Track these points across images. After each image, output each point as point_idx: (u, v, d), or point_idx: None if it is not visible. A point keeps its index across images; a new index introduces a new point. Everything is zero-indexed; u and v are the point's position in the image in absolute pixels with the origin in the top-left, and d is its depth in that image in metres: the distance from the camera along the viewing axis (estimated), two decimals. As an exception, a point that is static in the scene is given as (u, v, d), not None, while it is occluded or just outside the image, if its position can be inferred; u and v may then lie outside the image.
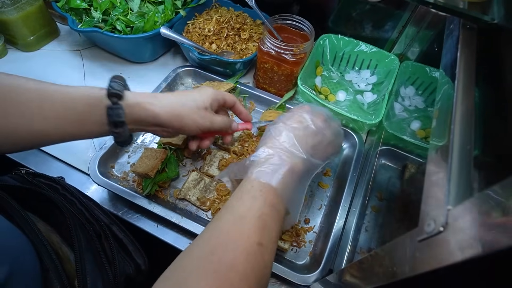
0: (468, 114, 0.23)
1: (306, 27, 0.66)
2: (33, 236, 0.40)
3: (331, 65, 0.78)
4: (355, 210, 0.57)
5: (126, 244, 0.49)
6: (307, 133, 0.44)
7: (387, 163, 0.66)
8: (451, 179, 0.20)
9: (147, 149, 0.57)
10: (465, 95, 0.24)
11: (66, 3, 0.68)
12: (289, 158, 0.41)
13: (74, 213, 0.46)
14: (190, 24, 0.75)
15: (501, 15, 0.31)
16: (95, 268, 0.43)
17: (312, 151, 0.43)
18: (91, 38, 0.78)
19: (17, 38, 0.74)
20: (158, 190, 0.56)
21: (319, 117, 0.46)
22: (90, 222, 0.47)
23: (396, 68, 0.69)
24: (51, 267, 0.39)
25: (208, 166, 0.60)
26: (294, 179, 0.41)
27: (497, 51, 0.29)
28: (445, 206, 0.19)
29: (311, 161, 0.43)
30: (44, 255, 0.39)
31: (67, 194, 0.49)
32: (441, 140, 0.24)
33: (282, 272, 0.49)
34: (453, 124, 0.22)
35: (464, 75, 0.26)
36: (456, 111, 0.23)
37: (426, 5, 0.34)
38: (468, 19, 0.32)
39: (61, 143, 0.42)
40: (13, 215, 0.41)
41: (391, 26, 0.73)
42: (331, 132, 0.47)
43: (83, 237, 0.44)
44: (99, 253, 0.44)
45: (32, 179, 0.49)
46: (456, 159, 0.21)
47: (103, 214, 0.49)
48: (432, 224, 0.19)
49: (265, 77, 0.70)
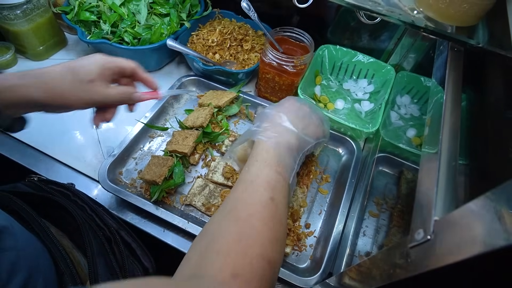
0: (455, 131, 0.26)
1: (306, 39, 0.69)
2: (49, 242, 0.42)
3: (330, 75, 0.81)
4: (354, 215, 0.59)
5: (134, 249, 0.51)
6: (297, 115, 0.50)
7: (384, 169, 0.69)
8: (438, 192, 0.23)
9: (154, 157, 0.60)
10: (452, 114, 0.27)
11: (75, 15, 0.71)
12: (285, 131, 0.46)
13: (85, 219, 0.48)
14: (195, 35, 0.78)
15: (486, 39, 0.33)
16: (106, 272, 0.45)
17: (303, 130, 0.49)
18: (99, 49, 0.80)
19: (27, 48, 0.77)
20: (165, 196, 0.59)
21: (305, 105, 0.52)
22: (101, 227, 0.49)
23: (392, 78, 0.72)
24: (66, 271, 0.41)
25: (212, 173, 0.62)
26: (290, 150, 0.46)
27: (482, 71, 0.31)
28: (433, 217, 0.21)
29: (303, 137, 0.48)
30: (60, 260, 0.41)
31: (77, 200, 0.51)
32: (432, 149, 0.26)
33: (284, 275, 0.51)
34: (440, 144, 0.25)
35: (451, 95, 0.28)
36: (443, 130, 0.26)
37: (417, 29, 0.36)
38: (456, 42, 0.34)
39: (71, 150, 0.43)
40: (29, 222, 0.43)
41: (388, 37, 0.76)
42: (317, 117, 0.53)
43: (94, 242, 0.46)
44: (110, 258, 0.46)
45: (44, 186, 0.51)
46: (443, 174, 0.23)
47: (112, 219, 0.51)
48: (421, 233, 0.21)
49: (267, 87, 0.73)
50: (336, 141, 0.70)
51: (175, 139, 0.63)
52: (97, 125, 0.48)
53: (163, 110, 0.71)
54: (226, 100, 0.69)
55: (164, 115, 0.71)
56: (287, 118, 0.48)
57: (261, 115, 0.51)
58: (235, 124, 0.72)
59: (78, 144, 0.67)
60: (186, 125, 0.65)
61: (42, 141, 0.65)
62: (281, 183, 0.41)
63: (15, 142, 0.66)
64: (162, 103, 0.70)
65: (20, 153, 0.64)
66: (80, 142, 0.67)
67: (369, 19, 0.53)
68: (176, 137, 0.63)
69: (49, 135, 0.66)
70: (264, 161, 0.42)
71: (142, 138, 0.66)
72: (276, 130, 0.47)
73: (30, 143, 0.65)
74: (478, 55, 0.34)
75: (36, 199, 0.48)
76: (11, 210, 0.44)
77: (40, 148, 0.65)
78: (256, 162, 0.43)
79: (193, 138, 0.62)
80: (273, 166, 0.42)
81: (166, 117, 0.71)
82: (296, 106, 0.51)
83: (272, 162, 0.42)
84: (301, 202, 0.60)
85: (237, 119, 0.73)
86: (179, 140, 0.62)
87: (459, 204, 0.21)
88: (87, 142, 0.67)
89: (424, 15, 0.35)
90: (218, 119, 0.69)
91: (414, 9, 0.36)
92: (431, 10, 0.35)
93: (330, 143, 0.71)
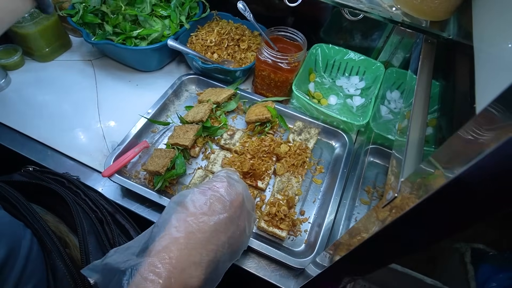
0: (423, 114, 0.29)
1: (299, 38, 0.73)
2: (36, 224, 0.43)
3: (323, 72, 0.85)
4: (346, 202, 0.63)
5: (128, 229, 0.53)
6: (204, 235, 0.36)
7: (375, 160, 0.73)
8: (406, 160, 0.26)
9: (157, 150, 0.63)
10: (421, 97, 0.31)
11: (80, 18, 0.75)
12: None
13: (78, 203, 0.49)
14: (194, 35, 0.82)
15: (455, 32, 0.37)
16: (97, 248, 0.46)
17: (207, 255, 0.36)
18: (103, 49, 0.84)
19: (34, 50, 0.81)
20: (168, 186, 0.62)
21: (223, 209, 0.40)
22: (93, 210, 0.50)
23: (381, 74, 0.76)
24: (54, 248, 0.42)
25: (212, 164, 0.66)
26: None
27: (452, 60, 0.35)
28: (400, 179, 0.25)
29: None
30: (46, 239, 0.42)
31: (72, 187, 0.53)
32: (404, 136, 0.30)
33: (281, 257, 0.55)
34: (410, 122, 0.28)
35: (422, 81, 0.32)
36: (413, 112, 0.29)
37: (395, 24, 0.40)
38: (430, 35, 0.38)
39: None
40: (17, 206, 0.44)
41: (377, 36, 0.80)
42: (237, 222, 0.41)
43: (86, 222, 0.47)
44: (101, 236, 0.47)
45: (39, 175, 0.53)
46: (411, 145, 0.27)
47: (108, 204, 0.53)
48: (391, 193, 0.25)
49: (263, 84, 0.77)
50: (329, 134, 0.74)
51: (176, 133, 0.67)
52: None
53: (164, 106, 0.74)
54: (224, 96, 0.73)
55: (165, 111, 0.75)
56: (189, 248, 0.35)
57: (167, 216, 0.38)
58: (233, 119, 0.76)
59: (84, 140, 0.70)
60: (187, 120, 0.69)
61: (50, 137, 0.69)
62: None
63: (25, 138, 0.69)
64: (164, 100, 0.73)
65: (29, 148, 0.68)
66: (86, 137, 0.71)
67: (353, 15, 0.57)
68: (177, 131, 0.67)
69: (56, 132, 0.70)
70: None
71: (145, 132, 0.70)
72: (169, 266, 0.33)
73: (39, 139, 0.69)
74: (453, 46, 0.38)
75: (30, 187, 0.49)
76: (1, 196, 0.45)
77: (48, 144, 0.68)
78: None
79: (194, 132, 0.66)
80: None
81: (168, 113, 0.75)
82: (218, 207, 0.39)
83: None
84: (296, 191, 0.64)
85: (235, 115, 0.77)
86: (180, 134, 0.66)
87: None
88: (92, 138, 0.71)
89: (401, 11, 0.39)
90: (217, 114, 0.73)
91: (392, 6, 0.40)
92: (407, 7, 0.39)
93: (324, 136, 0.75)
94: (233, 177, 0.45)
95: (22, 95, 0.76)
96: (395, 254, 0.27)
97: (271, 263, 0.58)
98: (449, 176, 0.19)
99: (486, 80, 0.25)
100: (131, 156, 0.63)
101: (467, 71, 0.31)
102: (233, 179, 0.44)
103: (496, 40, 0.27)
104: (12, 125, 0.70)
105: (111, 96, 0.78)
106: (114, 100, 0.77)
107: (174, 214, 0.37)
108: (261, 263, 0.58)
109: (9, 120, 0.71)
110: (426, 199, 0.19)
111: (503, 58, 0.25)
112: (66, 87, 0.79)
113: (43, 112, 0.74)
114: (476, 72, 0.26)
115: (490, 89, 0.24)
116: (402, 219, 0.21)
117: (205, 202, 0.38)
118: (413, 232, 0.23)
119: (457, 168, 0.18)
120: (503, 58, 0.25)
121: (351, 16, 0.57)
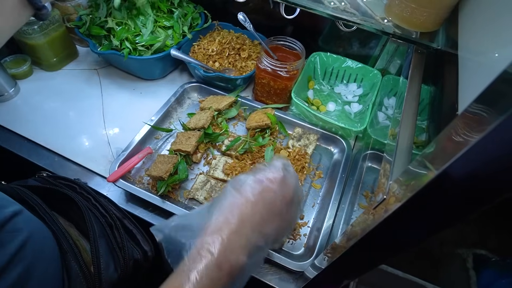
0: (412, 120, 0.31)
1: (298, 47, 0.76)
2: (53, 226, 0.46)
3: (322, 79, 0.87)
4: (344, 207, 0.64)
5: (135, 234, 0.55)
6: (263, 217, 0.39)
7: (373, 165, 0.74)
8: (395, 163, 0.28)
9: (160, 156, 0.65)
10: (411, 104, 0.32)
11: (87, 29, 0.78)
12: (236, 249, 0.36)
13: (89, 208, 0.52)
14: (196, 45, 0.85)
15: (444, 42, 0.39)
16: (107, 251, 0.49)
17: (262, 237, 0.39)
18: (108, 59, 0.87)
19: (42, 60, 0.84)
20: (170, 191, 0.64)
21: (287, 194, 0.42)
22: (103, 215, 0.53)
23: (379, 82, 0.78)
24: (69, 249, 0.45)
25: (213, 170, 0.68)
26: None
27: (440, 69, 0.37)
28: (389, 182, 0.26)
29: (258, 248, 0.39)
30: (63, 242, 0.45)
31: (83, 192, 0.55)
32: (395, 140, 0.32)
33: (281, 260, 0.56)
34: (399, 128, 0.30)
35: (412, 89, 0.34)
36: (402, 119, 0.31)
37: (387, 35, 0.42)
38: (419, 46, 0.40)
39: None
40: (36, 208, 0.48)
41: (374, 44, 0.83)
42: (291, 211, 0.43)
43: (96, 227, 0.50)
44: (111, 240, 0.50)
45: (53, 180, 0.56)
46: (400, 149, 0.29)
47: (116, 209, 0.56)
48: (380, 195, 0.26)
49: (263, 91, 0.79)
50: (328, 140, 0.76)
51: (179, 139, 0.69)
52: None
53: (167, 114, 0.77)
54: (226, 104, 0.75)
55: (168, 118, 0.77)
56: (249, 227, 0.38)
57: (224, 197, 0.40)
58: (234, 126, 0.78)
59: (90, 146, 0.72)
60: (189, 126, 0.71)
61: (57, 144, 0.71)
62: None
63: (33, 144, 0.71)
64: (167, 107, 0.76)
65: (37, 154, 0.70)
66: (91, 144, 0.73)
67: (347, 27, 0.59)
68: (180, 137, 0.69)
69: (63, 138, 0.72)
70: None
71: (149, 139, 0.72)
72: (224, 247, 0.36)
73: (46, 146, 0.71)
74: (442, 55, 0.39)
75: (44, 192, 0.52)
76: (21, 199, 0.48)
77: (55, 150, 0.71)
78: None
79: (196, 138, 0.68)
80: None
81: (170, 120, 0.77)
82: (270, 199, 0.40)
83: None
84: (295, 195, 0.65)
85: (236, 121, 0.79)
86: (183, 140, 0.68)
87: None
88: (97, 144, 0.73)
89: (392, 23, 0.41)
90: (218, 121, 0.75)
91: (384, 18, 0.41)
92: (398, 19, 0.41)
93: (323, 142, 0.76)
94: (289, 170, 0.44)
95: (31, 103, 0.79)
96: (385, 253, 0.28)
97: (271, 267, 0.59)
98: (431, 176, 0.20)
99: (468, 84, 0.27)
100: (135, 162, 0.65)
101: (454, 78, 0.33)
102: (289, 172, 0.44)
103: (478, 49, 0.29)
104: (20, 132, 0.73)
105: (116, 103, 0.81)
106: (118, 108, 0.80)
107: (231, 198, 0.39)
108: (262, 266, 0.59)
109: (18, 127, 0.73)
110: (410, 198, 0.21)
111: (484, 65, 0.27)
112: (72, 95, 0.82)
113: (51, 119, 0.76)
114: (460, 78, 0.28)
115: (471, 92, 0.25)
116: (389, 218, 0.23)
117: (259, 192, 0.39)
118: (401, 230, 0.24)
119: (438, 167, 0.20)
120: (483, 65, 0.27)
121: (345, 28, 0.59)
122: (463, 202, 0.21)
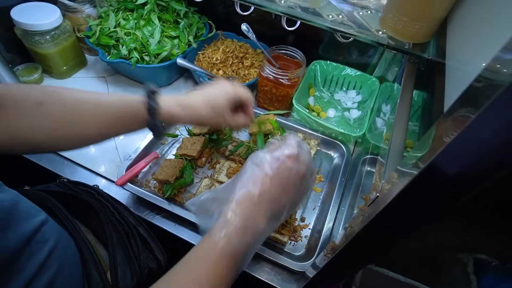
0: (404, 125, 0.33)
1: (299, 56, 0.79)
2: (76, 234, 0.48)
3: (322, 87, 0.90)
4: (344, 210, 0.66)
5: (149, 243, 0.57)
6: (281, 188, 0.44)
7: (371, 170, 0.76)
8: (387, 164, 0.30)
9: (166, 160, 0.68)
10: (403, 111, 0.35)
11: (97, 39, 0.81)
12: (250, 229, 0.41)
13: (107, 215, 0.54)
14: (201, 54, 0.88)
15: (434, 53, 0.42)
16: (124, 260, 0.51)
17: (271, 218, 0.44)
18: (116, 67, 0.90)
19: (52, 68, 0.87)
20: (176, 194, 0.66)
21: (300, 170, 0.46)
22: (120, 222, 0.55)
23: (377, 89, 0.81)
24: (90, 258, 0.47)
25: (217, 173, 0.70)
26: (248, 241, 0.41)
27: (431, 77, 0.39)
28: (381, 181, 0.29)
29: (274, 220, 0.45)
30: (84, 250, 0.47)
31: (101, 199, 0.57)
32: (387, 144, 0.34)
33: (282, 261, 0.58)
34: (392, 132, 0.33)
35: (404, 97, 0.36)
36: (395, 124, 0.34)
37: (382, 46, 0.45)
38: (412, 56, 0.43)
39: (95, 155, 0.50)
40: (59, 217, 0.50)
41: (372, 53, 0.86)
42: (304, 184, 0.47)
43: (114, 235, 0.52)
44: (128, 249, 0.52)
45: (73, 186, 0.58)
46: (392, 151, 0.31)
47: (131, 217, 0.58)
48: (374, 193, 0.29)
49: (265, 98, 0.82)
50: (328, 145, 0.78)
51: (184, 144, 0.71)
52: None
53: (173, 120, 0.79)
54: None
55: (174, 124, 0.80)
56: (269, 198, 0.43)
57: (246, 172, 0.45)
58: (237, 132, 0.81)
59: (98, 151, 0.75)
60: (194, 132, 0.74)
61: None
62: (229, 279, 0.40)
63: (44, 149, 0.74)
64: (172, 113, 0.78)
65: (48, 160, 0.73)
66: (100, 149, 0.76)
67: (344, 38, 0.62)
68: (185, 142, 0.71)
69: (73, 143, 0.75)
70: (215, 261, 0.39)
71: (155, 144, 0.75)
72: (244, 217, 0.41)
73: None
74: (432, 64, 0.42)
75: (66, 197, 0.54)
76: (45, 206, 0.50)
77: (65, 155, 0.73)
78: (212, 253, 0.39)
79: (200, 143, 0.70)
80: (224, 265, 0.39)
81: (176, 126, 0.80)
82: (286, 174, 0.44)
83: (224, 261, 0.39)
84: (297, 198, 0.67)
85: (239, 127, 0.82)
86: (188, 145, 0.71)
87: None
88: (106, 149, 0.75)
89: (387, 35, 0.44)
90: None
91: (379, 30, 0.44)
92: (391, 31, 0.44)
93: (323, 147, 0.79)
94: (303, 147, 0.48)
95: (41, 110, 0.82)
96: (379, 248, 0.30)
97: (273, 267, 0.61)
98: (415, 172, 0.23)
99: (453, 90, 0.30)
100: (142, 166, 0.67)
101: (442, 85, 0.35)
102: (303, 149, 0.48)
103: (463, 58, 0.32)
104: (32, 137, 0.75)
105: (123, 110, 0.83)
106: (126, 114, 0.82)
107: (252, 173, 0.44)
108: (264, 267, 0.61)
109: (30, 133, 0.76)
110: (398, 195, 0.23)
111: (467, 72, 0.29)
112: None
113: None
114: (446, 84, 0.30)
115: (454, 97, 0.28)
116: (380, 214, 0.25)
117: (277, 167, 0.44)
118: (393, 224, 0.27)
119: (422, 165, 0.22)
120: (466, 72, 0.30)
121: (343, 39, 0.62)
122: (444, 196, 0.23)
